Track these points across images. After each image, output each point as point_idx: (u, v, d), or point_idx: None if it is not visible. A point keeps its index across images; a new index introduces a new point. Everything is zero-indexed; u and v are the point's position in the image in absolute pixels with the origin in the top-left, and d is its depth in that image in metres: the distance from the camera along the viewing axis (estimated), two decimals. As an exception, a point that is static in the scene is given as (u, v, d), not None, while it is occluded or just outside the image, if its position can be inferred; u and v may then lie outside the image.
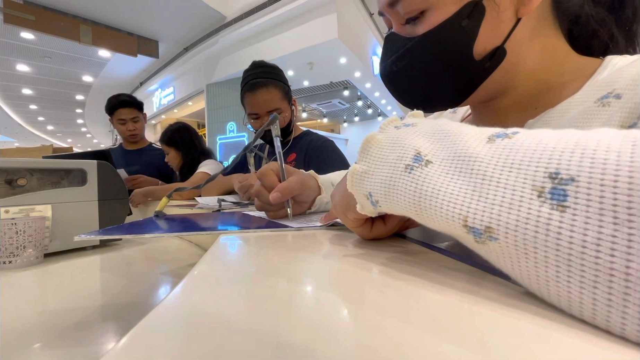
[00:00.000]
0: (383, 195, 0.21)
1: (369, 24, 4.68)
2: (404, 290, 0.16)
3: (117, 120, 1.64)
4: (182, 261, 0.53)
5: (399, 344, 0.11)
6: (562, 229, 0.12)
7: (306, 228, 0.35)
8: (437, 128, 0.20)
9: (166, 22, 4.47)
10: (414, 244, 0.27)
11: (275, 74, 1.06)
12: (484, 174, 0.15)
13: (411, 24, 0.33)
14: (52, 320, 0.29)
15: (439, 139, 0.19)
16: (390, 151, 0.21)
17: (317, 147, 1.08)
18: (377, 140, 0.22)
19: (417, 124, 0.22)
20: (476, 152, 0.16)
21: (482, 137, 0.17)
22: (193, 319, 0.13)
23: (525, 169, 0.14)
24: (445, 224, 0.17)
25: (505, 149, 0.15)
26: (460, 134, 0.18)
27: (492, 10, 0.30)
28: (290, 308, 0.14)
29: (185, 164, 1.50)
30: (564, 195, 0.12)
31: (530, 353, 0.10)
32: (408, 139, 0.20)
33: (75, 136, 11.30)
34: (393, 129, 0.23)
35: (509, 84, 0.34)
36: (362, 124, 8.82)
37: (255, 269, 0.22)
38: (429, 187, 0.17)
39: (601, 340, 0.11)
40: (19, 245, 0.44)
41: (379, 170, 0.21)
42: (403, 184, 0.19)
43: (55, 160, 0.54)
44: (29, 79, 5.87)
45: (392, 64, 0.36)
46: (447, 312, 0.13)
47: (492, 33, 0.31)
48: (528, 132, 0.16)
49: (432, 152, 0.19)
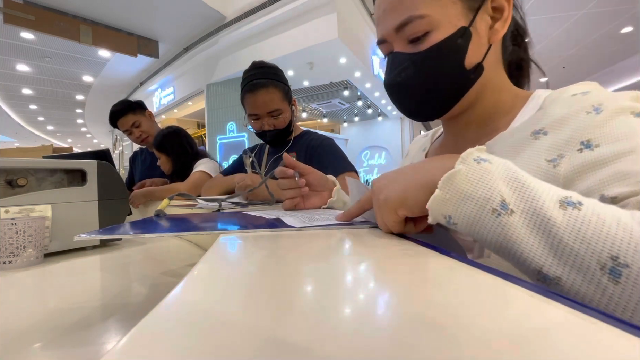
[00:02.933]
0: (466, 224, 0.25)
1: (369, 24, 4.67)
2: (404, 290, 0.16)
3: (123, 132, 1.60)
4: (182, 261, 0.53)
5: (399, 344, 0.11)
6: (613, 295, 0.19)
7: (307, 228, 0.35)
8: (513, 174, 0.25)
9: (166, 22, 4.46)
10: (414, 244, 0.27)
11: (275, 74, 1.06)
12: (560, 239, 0.21)
13: (414, 43, 0.41)
14: (52, 320, 0.29)
15: (517, 188, 0.24)
16: (476, 188, 0.25)
17: (317, 145, 1.08)
18: (461, 173, 0.26)
19: (493, 161, 0.26)
20: (553, 217, 0.22)
21: (554, 198, 0.22)
22: (193, 319, 0.13)
23: (593, 245, 0.20)
24: (521, 266, 0.23)
25: (577, 222, 0.21)
26: (534, 190, 0.23)
27: (475, 35, 0.40)
28: (290, 308, 0.14)
29: (175, 169, 1.48)
30: (619, 274, 0.19)
31: (530, 352, 0.10)
32: (492, 182, 0.25)
33: (75, 136, 11.30)
34: (474, 163, 0.26)
35: (478, 97, 0.43)
36: (362, 124, 8.81)
37: (255, 268, 0.22)
38: (513, 235, 0.23)
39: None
40: (19, 245, 0.44)
41: (464, 203, 0.25)
42: (490, 224, 0.24)
43: (55, 160, 0.54)
44: (29, 79, 5.86)
45: (397, 75, 0.43)
46: (447, 311, 0.13)
47: (476, 52, 0.40)
48: (590, 206, 0.21)
49: (514, 202, 0.23)
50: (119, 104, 1.59)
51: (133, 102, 1.61)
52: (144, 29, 4.65)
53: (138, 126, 1.59)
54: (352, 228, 0.35)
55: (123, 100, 1.63)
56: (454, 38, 0.39)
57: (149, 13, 4.19)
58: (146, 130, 1.61)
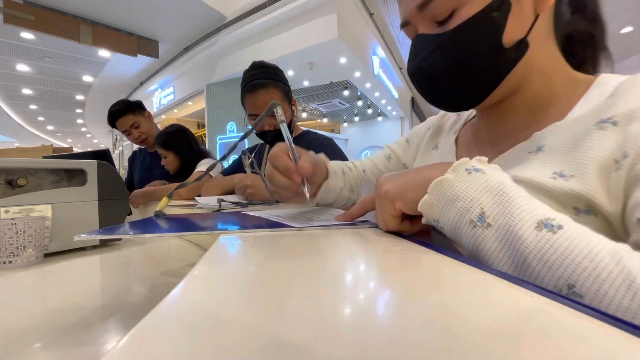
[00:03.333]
0: (449, 230, 0.26)
1: (369, 24, 4.67)
2: (404, 290, 0.16)
3: (122, 132, 1.58)
4: (182, 261, 0.53)
5: (399, 344, 0.11)
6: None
7: (307, 228, 0.35)
8: (502, 188, 0.24)
9: (166, 22, 4.46)
10: (413, 244, 0.27)
11: (275, 74, 1.06)
12: (525, 258, 0.21)
13: (441, 24, 0.35)
14: (52, 320, 0.29)
15: (501, 203, 0.24)
16: (458, 198, 0.25)
17: (317, 145, 1.08)
18: (448, 180, 0.26)
19: (486, 172, 0.26)
20: (524, 236, 0.22)
21: (535, 218, 0.22)
22: (193, 319, 0.13)
23: (554, 270, 0.20)
24: None
25: (546, 245, 0.21)
26: (517, 207, 0.23)
27: (516, 5, 0.33)
28: (290, 308, 0.14)
29: (182, 167, 1.46)
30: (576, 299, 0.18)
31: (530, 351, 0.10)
32: (475, 193, 0.25)
33: (75, 136, 11.30)
34: (464, 172, 0.26)
35: (524, 80, 0.36)
36: (362, 124, 8.82)
37: (255, 268, 0.22)
38: (485, 247, 0.24)
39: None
40: (19, 245, 0.44)
41: (447, 210, 0.26)
42: (467, 234, 0.25)
43: (55, 160, 0.54)
44: (29, 79, 5.86)
45: (422, 60, 0.37)
46: (446, 310, 0.13)
47: (517, 25, 0.33)
48: (571, 232, 0.20)
49: (493, 216, 0.24)
50: (117, 104, 1.56)
51: (132, 103, 1.58)
52: (144, 29, 4.66)
53: (137, 127, 1.56)
54: (352, 228, 0.35)
55: (122, 100, 1.60)
56: (488, 11, 0.32)
57: (149, 13, 4.19)
58: (145, 131, 1.59)
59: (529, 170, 0.31)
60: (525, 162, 0.33)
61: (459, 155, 0.45)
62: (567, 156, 0.30)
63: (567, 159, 0.30)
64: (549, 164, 0.30)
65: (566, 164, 0.29)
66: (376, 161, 0.64)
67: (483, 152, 0.39)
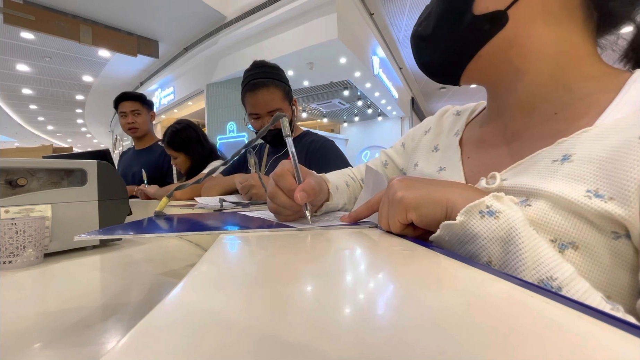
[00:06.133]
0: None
1: (369, 24, 4.67)
2: (404, 290, 0.16)
3: (120, 113, 1.62)
4: (182, 261, 0.53)
5: (399, 344, 0.11)
6: None
7: (307, 228, 0.35)
8: (512, 237, 0.23)
9: (166, 22, 4.46)
10: (414, 244, 0.27)
11: (276, 74, 1.06)
12: None
13: None
14: (52, 320, 0.29)
15: (509, 252, 0.23)
16: (469, 242, 0.26)
17: (318, 147, 1.08)
18: (458, 225, 0.26)
19: (499, 217, 0.24)
20: None
21: (536, 276, 0.22)
22: (193, 319, 0.13)
23: None
24: None
25: None
26: (523, 259, 0.22)
27: None
28: (290, 308, 0.14)
29: (194, 165, 1.36)
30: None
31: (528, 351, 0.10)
32: (485, 242, 0.25)
33: (75, 136, 11.30)
34: (477, 216, 0.25)
35: (521, 66, 0.34)
36: (362, 123, 8.81)
37: (256, 268, 0.22)
38: None
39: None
40: (19, 245, 0.44)
41: (457, 248, 0.27)
42: None
43: (55, 160, 0.54)
44: (29, 79, 5.87)
45: (418, 25, 0.39)
46: (446, 310, 0.13)
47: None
48: (567, 294, 0.20)
49: (499, 265, 0.24)
50: (135, 92, 1.67)
51: (146, 97, 1.69)
52: (143, 29, 4.66)
53: (136, 115, 1.63)
54: (352, 227, 0.35)
55: (139, 92, 1.72)
56: None
57: (149, 13, 4.19)
58: (140, 122, 1.65)
59: (555, 183, 0.27)
60: (550, 173, 0.29)
61: (465, 158, 0.43)
62: (603, 171, 0.25)
63: (602, 175, 0.25)
64: (580, 179, 0.26)
65: (602, 182, 0.25)
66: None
67: (496, 155, 0.38)
